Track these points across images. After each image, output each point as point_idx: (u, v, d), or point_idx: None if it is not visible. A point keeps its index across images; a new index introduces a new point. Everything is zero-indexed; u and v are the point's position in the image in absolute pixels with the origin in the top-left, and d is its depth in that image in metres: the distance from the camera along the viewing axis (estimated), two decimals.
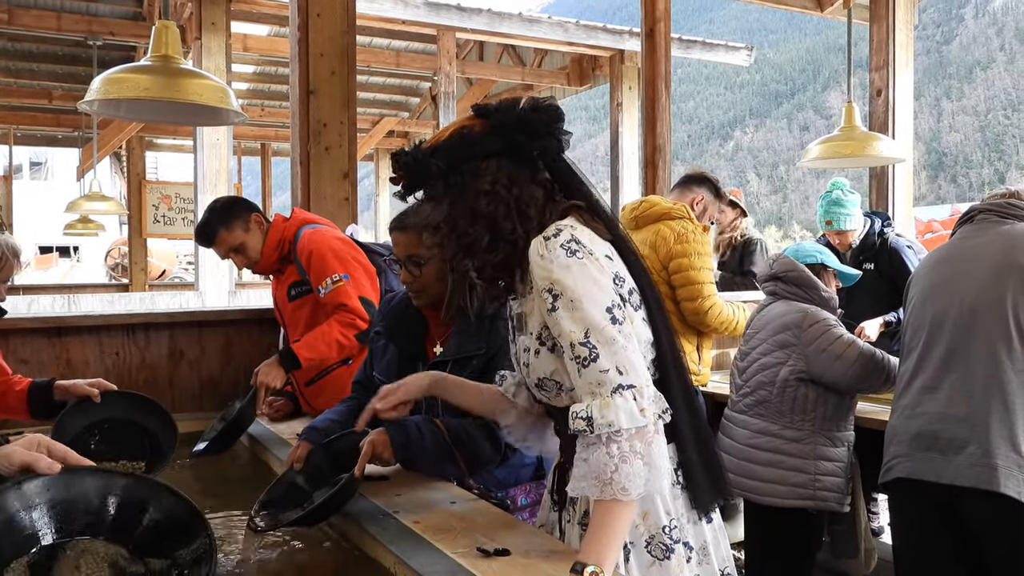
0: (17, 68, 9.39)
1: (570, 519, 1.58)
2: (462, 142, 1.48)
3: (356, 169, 3.58)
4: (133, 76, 2.55)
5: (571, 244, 1.40)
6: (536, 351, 1.50)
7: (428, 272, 2.01)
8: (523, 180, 1.48)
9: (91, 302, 5.40)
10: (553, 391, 1.51)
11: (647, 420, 1.34)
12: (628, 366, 1.36)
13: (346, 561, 1.71)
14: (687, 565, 1.48)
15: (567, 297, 1.37)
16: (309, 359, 2.67)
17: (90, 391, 2.29)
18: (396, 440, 1.82)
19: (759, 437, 2.73)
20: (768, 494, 2.68)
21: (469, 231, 1.46)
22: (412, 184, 1.51)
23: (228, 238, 2.81)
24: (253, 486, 2.30)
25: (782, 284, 2.86)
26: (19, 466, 1.15)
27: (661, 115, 5.05)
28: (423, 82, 11.02)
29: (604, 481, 1.31)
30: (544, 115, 1.48)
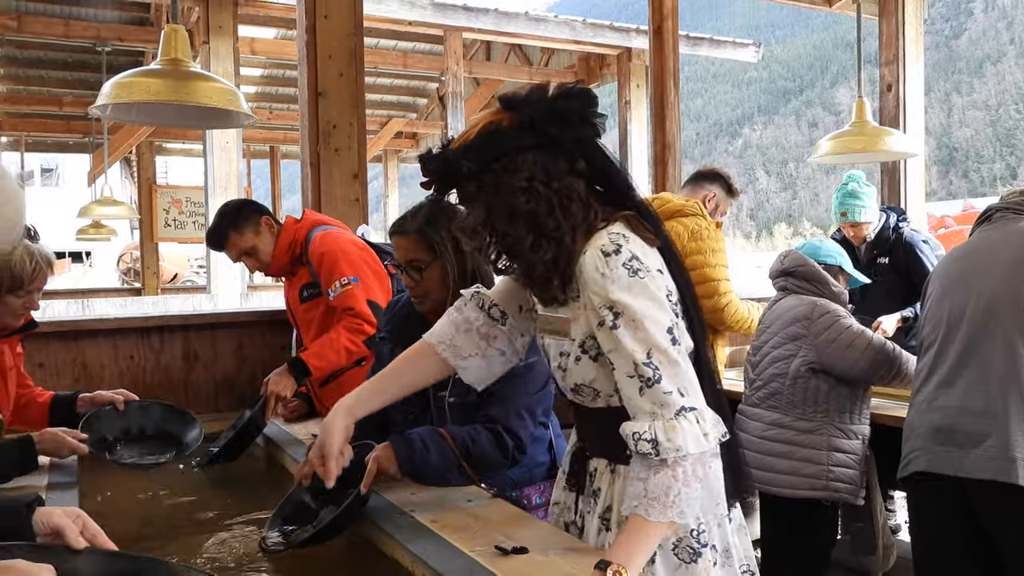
0: (27, 75, 9.45)
1: (590, 510, 1.57)
2: (492, 139, 1.40)
3: (366, 170, 3.58)
4: (143, 80, 2.56)
5: (633, 263, 1.37)
6: (577, 358, 1.47)
7: (430, 276, 1.99)
8: (561, 172, 1.41)
9: (105, 306, 5.43)
10: (589, 396, 1.50)
11: (711, 445, 1.33)
12: (689, 387, 1.35)
13: (364, 560, 1.71)
14: (713, 568, 1.47)
15: (629, 317, 1.34)
16: (319, 368, 2.67)
17: (114, 398, 2.35)
18: (401, 454, 1.80)
19: (772, 429, 2.73)
20: (782, 485, 2.68)
21: (510, 232, 1.41)
22: (444, 187, 1.46)
23: (239, 241, 2.81)
24: (268, 486, 2.32)
25: (792, 279, 2.86)
26: (53, 528, 1.17)
27: (670, 112, 5.03)
28: (430, 83, 11.04)
29: (665, 504, 1.30)
30: (577, 102, 1.41)
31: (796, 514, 2.72)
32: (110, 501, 2.20)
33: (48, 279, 2.13)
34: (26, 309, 2.13)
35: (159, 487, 2.34)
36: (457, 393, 1.98)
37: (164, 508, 2.20)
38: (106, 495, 2.22)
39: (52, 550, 1.15)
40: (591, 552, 1.48)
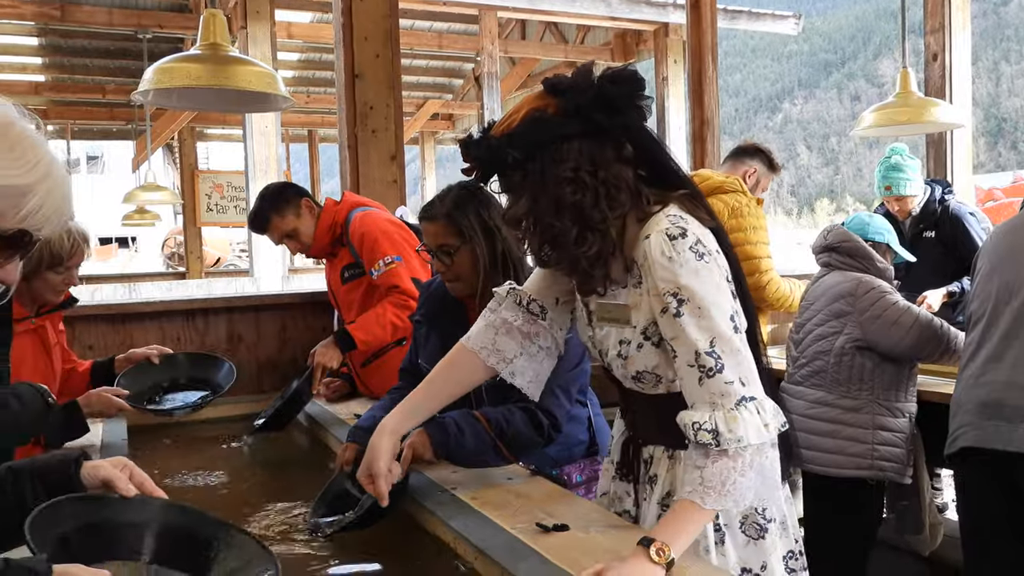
0: (71, 64, 9.62)
1: (647, 497, 1.56)
2: (536, 127, 1.35)
3: (403, 151, 3.59)
4: (183, 65, 2.59)
5: (699, 247, 1.34)
6: (639, 345, 1.45)
7: (460, 261, 1.99)
8: (608, 161, 1.37)
9: (150, 290, 5.54)
10: (651, 383, 1.48)
11: (771, 435, 1.32)
12: (749, 376, 1.33)
13: (406, 536, 1.74)
14: (779, 542, 1.48)
15: (694, 304, 1.32)
16: (364, 341, 2.70)
17: (148, 353, 2.49)
18: (436, 439, 1.81)
19: (816, 407, 2.70)
20: (826, 464, 2.66)
21: (555, 224, 1.37)
22: (486, 174, 1.42)
23: (280, 224, 2.84)
24: (312, 465, 2.36)
25: (836, 255, 2.81)
26: (102, 480, 1.20)
27: (708, 87, 4.96)
28: (466, 63, 11.02)
29: (721, 492, 1.29)
30: (625, 87, 1.36)
31: (841, 493, 2.69)
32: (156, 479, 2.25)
33: (86, 256, 2.18)
34: (65, 285, 2.19)
35: (204, 465, 2.40)
36: None
37: (209, 486, 2.25)
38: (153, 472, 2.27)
39: (102, 500, 1.18)
40: (633, 529, 1.49)
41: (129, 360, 2.49)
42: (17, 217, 1.01)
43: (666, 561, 1.24)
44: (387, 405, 2.13)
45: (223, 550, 1.20)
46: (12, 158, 1.00)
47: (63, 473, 1.20)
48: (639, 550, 1.25)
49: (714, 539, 1.45)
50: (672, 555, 1.25)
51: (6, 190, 1.00)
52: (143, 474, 1.25)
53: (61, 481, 1.19)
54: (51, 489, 1.18)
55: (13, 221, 1.01)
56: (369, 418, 2.08)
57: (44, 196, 1.03)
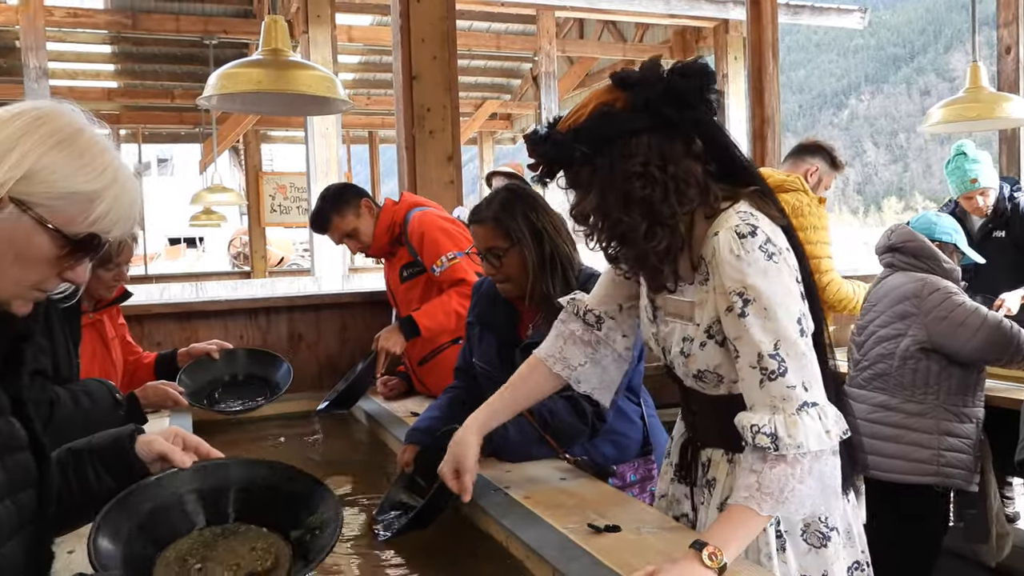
0: (142, 70, 9.95)
1: (704, 501, 1.54)
2: (605, 121, 1.34)
3: (460, 152, 3.62)
4: (246, 71, 2.66)
5: (768, 245, 1.32)
6: (702, 343, 1.43)
7: (509, 263, 2.00)
8: (677, 155, 1.35)
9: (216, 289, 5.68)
10: (712, 382, 1.46)
11: (832, 443, 1.29)
12: (813, 381, 1.31)
13: (459, 535, 1.75)
14: (844, 551, 1.45)
15: (760, 304, 1.30)
16: (428, 327, 2.73)
17: (208, 348, 2.60)
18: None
19: (879, 412, 2.63)
20: (889, 470, 2.59)
21: (624, 219, 1.36)
22: (552, 170, 1.41)
23: (341, 224, 2.89)
24: (371, 461, 2.39)
25: (900, 255, 2.73)
26: (157, 454, 1.24)
27: (769, 85, 4.88)
28: (524, 63, 11.04)
29: (778, 500, 1.26)
30: (695, 80, 1.33)
31: (905, 500, 2.62)
32: None
33: (134, 253, 2.25)
34: (116, 281, 2.27)
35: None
36: None
37: None
38: None
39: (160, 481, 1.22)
40: (686, 532, 1.48)
41: (190, 354, 2.60)
42: (87, 221, 1.05)
43: (718, 566, 1.22)
44: (443, 405, 2.16)
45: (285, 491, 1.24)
46: (81, 164, 1.04)
47: (119, 450, 1.23)
48: (691, 553, 1.24)
49: (775, 545, 1.43)
50: (725, 560, 1.23)
51: (76, 196, 1.03)
52: (195, 438, 1.28)
53: (119, 458, 1.23)
54: (109, 466, 1.22)
55: (83, 225, 1.05)
56: (426, 419, 2.11)
57: (112, 201, 1.06)
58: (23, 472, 1.08)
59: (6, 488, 1.04)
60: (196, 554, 1.20)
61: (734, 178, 1.42)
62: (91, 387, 2.03)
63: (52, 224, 1.03)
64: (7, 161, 1.00)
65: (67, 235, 1.04)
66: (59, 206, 1.03)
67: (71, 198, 1.03)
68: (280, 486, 1.27)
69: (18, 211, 1.01)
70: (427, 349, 2.87)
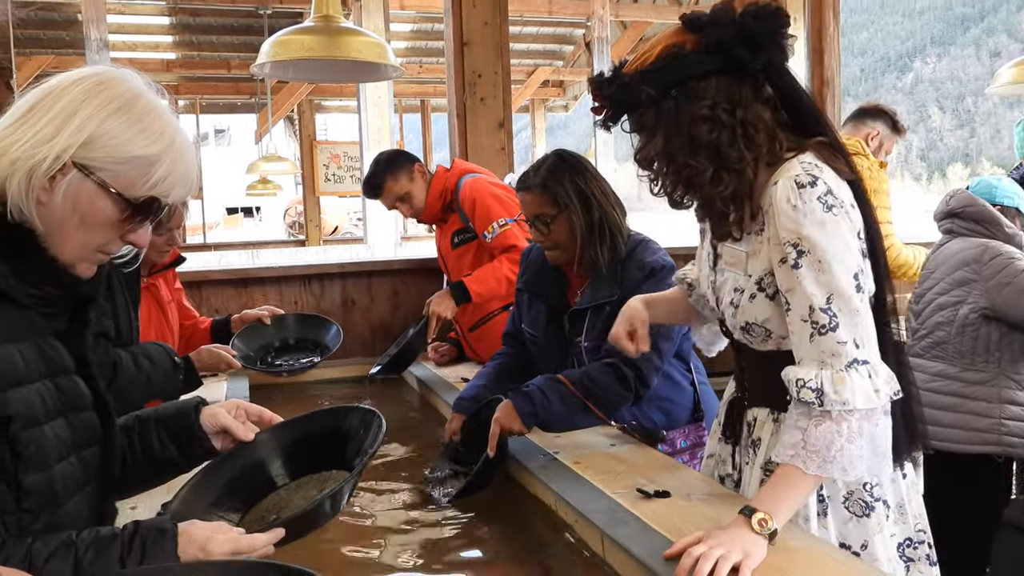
0: (199, 41, 10.08)
1: (749, 461, 1.52)
2: (674, 63, 1.31)
3: (511, 119, 3.60)
4: (298, 38, 2.68)
5: (828, 197, 1.28)
6: (752, 295, 1.40)
7: (557, 229, 1.99)
8: (746, 100, 1.32)
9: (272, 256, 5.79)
10: (760, 336, 1.42)
11: (881, 402, 1.26)
12: (866, 339, 1.27)
13: (509, 498, 1.77)
14: (886, 523, 1.41)
15: (815, 257, 1.26)
16: (479, 292, 2.75)
17: (260, 314, 2.67)
18: (523, 410, 1.81)
19: (937, 380, 2.57)
20: (948, 439, 2.52)
21: (691, 163, 1.33)
22: (617, 114, 1.39)
23: (394, 188, 2.91)
24: (422, 426, 2.43)
25: (960, 221, 2.64)
26: (220, 427, 1.28)
27: (829, 46, 4.73)
28: (576, 29, 10.89)
29: (825, 458, 1.24)
30: (769, 22, 1.30)
31: (964, 470, 2.56)
32: None
33: (183, 218, 2.29)
34: (168, 246, 2.30)
35: None
36: (591, 337, 1.99)
37: None
38: None
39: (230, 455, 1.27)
40: (735, 498, 1.47)
41: (243, 320, 2.66)
42: (147, 185, 1.07)
43: (768, 532, 1.21)
44: (490, 373, 2.17)
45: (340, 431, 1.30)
46: (140, 129, 1.06)
47: (185, 420, 1.28)
48: (740, 519, 1.23)
49: (816, 510, 1.40)
50: (774, 526, 1.22)
51: (136, 160, 1.06)
52: (256, 407, 1.32)
53: (184, 428, 1.27)
54: (173, 436, 1.27)
55: (143, 189, 1.07)
56: (473, 387, 2.13)
57: (170, 164, 1.09)
58: (88, 430, 1.12)
59: (71, 445, 1.08)
60: (273, 509, 1.26)
61: (803, 127, 1.38)
62: (151, 350, 2.08)
63: (114, 188, 1.05)
64: (69, 127, 1.03)
65: (128, 198, 1.06)
66: (120, 170, 1.05)
67: (131, 162, 1.06)
68: (338, 427, 1.31)
69: (81, 176, 1.04)
70: (478, 316, 2.89)
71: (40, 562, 0.96)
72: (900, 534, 1.43)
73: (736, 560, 1.17)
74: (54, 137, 1.02)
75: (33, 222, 1.03)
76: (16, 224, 1.03)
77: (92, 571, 0.98)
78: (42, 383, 1.05)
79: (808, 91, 1.40)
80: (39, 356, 1.06)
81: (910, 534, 1.44)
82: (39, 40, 9.29)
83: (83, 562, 0.98)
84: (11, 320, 1.03)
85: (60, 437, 1.06)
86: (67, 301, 1.12)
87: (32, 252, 1.04)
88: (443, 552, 1.56)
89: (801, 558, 1.23)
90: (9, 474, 0.99)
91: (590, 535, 1.43)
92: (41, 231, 1.04)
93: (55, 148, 1.02)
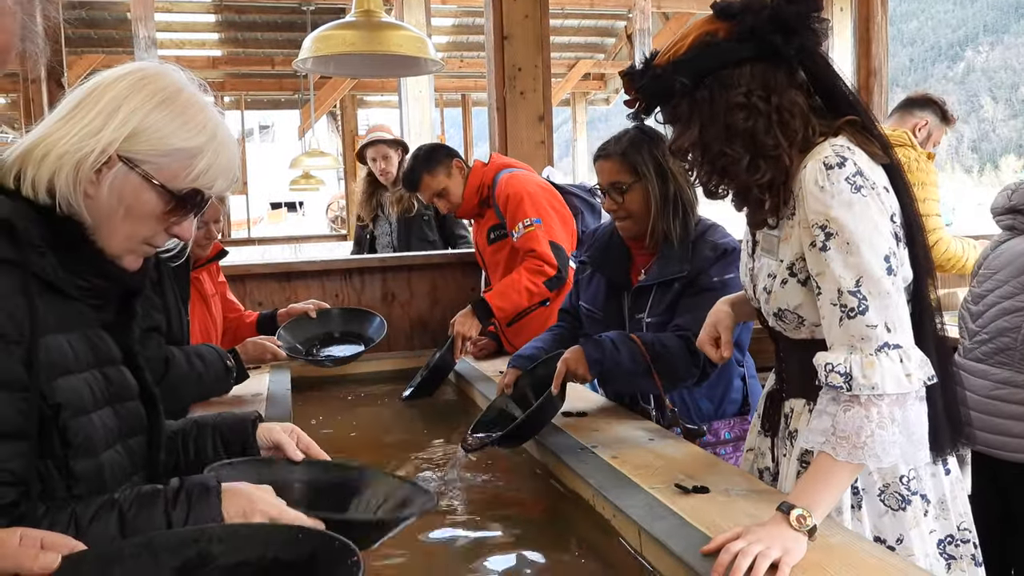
0: (244, 38, 10.22)
1: (787, 453, 1.50)
2: (707, 52, 1.31)
3: (551, 112, 3.59)
4: (339, 32, 2.70)
5: (856, 178, 1.26)
6: (784, 280, 1.39)
7: (631, 199, 2.00)
8: (781, 86, 1.31)
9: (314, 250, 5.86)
10: (793, 323, 1.41)
11: (913, 387, 1.23)
12: (897, 323, 1.25)
13: (546, 492, 1.77)
14: (924, 519, 1.38)
15: (843, 238, 1.24)
16: (501, 308, 2.75)
17: (306, 308, 2.71)
18: (592, 356, 1.83)
19: (1003, 388, 2.44)
20: (1017, 449, 2.40)
21: (727, 151, 1.32)
22: (651, 105, 1.39)
23: (432, 183, 2.93)
24: (460, 418, 2.44)
25: (1022, 217, 2.54)
26: (274, 442, 1.30)
27: (877, 35, 4.64)
28: (618, 21, 10.81)
29: (856, 444, 1.22)
30: (802, 6, 1.29)
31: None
32: (320, 425, 2.41)
33: (220, 212, 2.32)
34: (207, 240, 2.34)
35: (361, 418, 2.54)
36: (655, 313, 1.98)
37: (368, 433, 2.38)
38: (310, 424, 2.43)
39: (273, 463, 1.27)
40: (774, 494, 1.45)
41: (289, 314, 2.69)
42: (189, 177, 1.10)
43: (807, 528, 1.20)
44: (547, 339, 2.21)
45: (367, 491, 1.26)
46: (182, 122, 1.09)
47: (241, 432, 1.31)
48: (779, 516, 1.22)
49: (851, 502, 1.38)
50: (813, 522, 1.20)
51: (178, 152, 1.08)
52: (309, 439, 1.32)
53: (239, 439, 1.30)
54: (228, 445, 1.30)
55: (186, 181, 1.10)
56: (530, 347, 2.17)
57: (212, 157, 1.11)
58: (134, 419, 1.15)
59: (117, 434, 1.10)
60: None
61: (837, 112, 1.36)
62: (203, 351, 2.13)
63: (157, 180, 1.08)
64: (114, 120, 1.06)
65: (172, 191, 1.09)
66: (163, 163, 1.08)
67: (174, 155, 1.08)
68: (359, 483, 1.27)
69: (126, 168, 1.06)
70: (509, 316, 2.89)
71: (85, 523, 0.98)
72: (941, 531, 1.40)
73: (775, 557, 1.16)
74: (100, 131, 1.05)
75: (81, 215, 1.06)
76: (65, 217, 1.05)
77: (136, 526, 0.99)
78: (90, 373, 1.08)
79: (842, 75, 1.38)
80: (88, 346, 1.08)
81: (951, 531, 1.41)
82: (90, 39, 9.50)
83: (127, 517, 0.99)
84: (61, 311, 1.05)
85: (107, 426, 1.08)
86: (114, 293, 1.15)
87: (80, 245, 1.07)
88: (479, 547, 1.56)
89: (840, 555, 1.21)
90: (59, 460, 1.01)
91: (628, 530, 1.43)
92: (89, 224, 1.07)
93: (101, 142, 1.04)
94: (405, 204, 3.85)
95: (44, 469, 1.01)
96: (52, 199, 1.04)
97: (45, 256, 1.03)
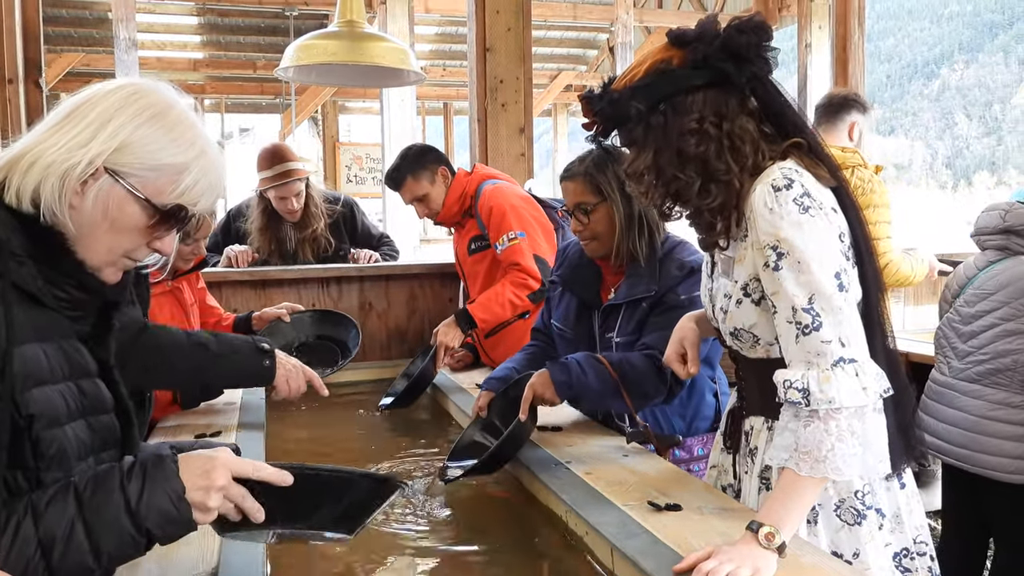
0: (226, 41, 10.19)
1: (748, 471, 1.53)
2: (662, 79, 1.34)
3: (532, 124, 3.61)
4: (321, 42, 2.71)
5: (804, 199, 1.29)
6: (739, 300, 1.42)
7: (597, 219, 2.01)
8: (733, 112, 1.35)
9: None
10: (748, 342, 1.44)
11: (870, 400, 1.26)
12: (851, 337, 1.28)
13: (520, 509, 1.77)
14: (878, 532, 1.41)
15: (794, 258, 1.28)
16: (484, 320, 2.76)
17: (278, 312, 2.71)
18: (558, 379, 1.84)
19: (1000, 409, 2.47)
20: (1015, 471, 2.43)
21: (679, 175, 1.36)
22: (608, 129, 1.42)
23: (414, 186, 2.92)
24: (435, 431, 2.44)
25: (1017, 239, 2.54)
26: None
27: (854, 54, 4.71)
28: (600, 33, 10.90)
29: (817, 459, 1.24)
30: (752, 36, 1.33)
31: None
32: (294, 441, 2.40)
33: (211, 230, 2.31)
34: (193, 255, 2.35)
35: (333, 426, 2.53)
36: (624, 333, 2.00)
37: (342, 445, 2.37)
38: (285, 433, 2.42)
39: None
40: (746, 512, 1.46)
41: (263, 319, 2.69)
42: (175, 193, 1.10)
43: (776, 545, 1.22)
44: (520, 359, 2.21)
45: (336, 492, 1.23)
46: (171, 138, 1.09)
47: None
48: (748, 535, 1.23)
49: (807, 518, 1.39)
50: (782, 539, 1.22)
51: (166, 167, 1.09)
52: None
53: None
54: None
55: (171, 196, 1.10)
56: (503, 369, 2.17)
57: (199, 173, 1.11)
58: (108, 433, 1.14)
59: (90, 447, 1.10)
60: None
61: (788, 137, 1.40)
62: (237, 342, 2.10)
63: (142, 194, 1.08)
64: (103, 133, 1.06)
65: (156, 205, 1.09)
66: (150, 177, 1.08)
67: (161, 170, 1.08)
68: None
69: (112, 180, 1.07)
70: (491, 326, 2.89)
71: (42, 507, 0.98)
72: (896, 544, 1.43)
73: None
74: (88, 143, 1.05)
75: (65, 225, 1.06)
76: (47, 227, 1.05)
77: (95, 503, 0.99)
78: (65, 384, 1.07)
79: (794, 102, 1.42)
80: (63, 358, 1.08)
81: (907, 544, 1.44)
82: (69, 38, 9.42)
83: (83, 497, 0.99)
84: (38, 321, 1.05)
85: (81, 439, 1.08)
86: (93, 305, 1.14)
87: (61, 255, 1.07)
88: (451, 562, 1.56)
89: (811, 575, 1.22)
90: (31, 472, 1.01)
91: (600, 547, 1.43)
92: (72, 235, 1.06)
93: (88, 153, 1.05)
94: (322, 244, 3.45)
95: (13, 480, 1.00)
96: (36, 209, 1.04)
97: (24, 265, 1.03)
